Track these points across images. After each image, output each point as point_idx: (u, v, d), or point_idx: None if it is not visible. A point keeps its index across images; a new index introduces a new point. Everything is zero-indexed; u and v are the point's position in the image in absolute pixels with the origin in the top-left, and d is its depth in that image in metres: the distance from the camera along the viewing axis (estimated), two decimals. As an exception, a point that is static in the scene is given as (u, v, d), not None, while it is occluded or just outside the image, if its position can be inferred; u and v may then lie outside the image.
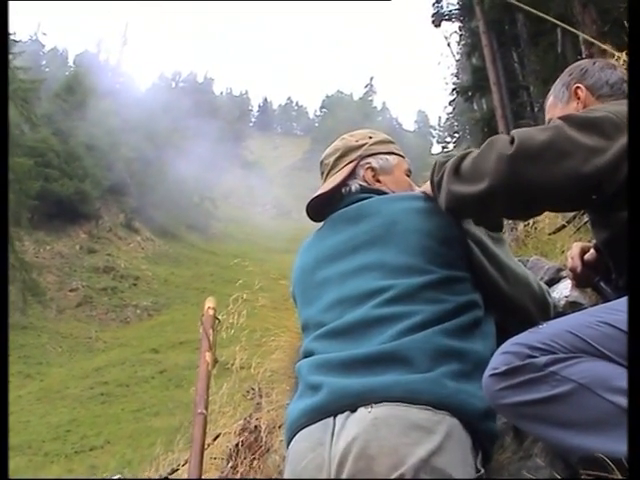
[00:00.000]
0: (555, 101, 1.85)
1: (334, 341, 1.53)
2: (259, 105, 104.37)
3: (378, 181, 1.80)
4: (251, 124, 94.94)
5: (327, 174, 1.85)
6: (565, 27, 4.46)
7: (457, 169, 1.49)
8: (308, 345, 1.62)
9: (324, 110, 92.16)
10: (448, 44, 26.91)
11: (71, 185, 40.50)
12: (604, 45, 3.32)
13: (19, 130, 34.96)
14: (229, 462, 3.27)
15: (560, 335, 1.32)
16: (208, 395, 2.04)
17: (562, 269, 2.07)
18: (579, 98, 1.77)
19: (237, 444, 3.26)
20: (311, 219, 1.86)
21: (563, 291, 1.93)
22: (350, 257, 1.64)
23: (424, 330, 1.44)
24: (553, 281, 2.04)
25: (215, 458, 3.59)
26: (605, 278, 1.78)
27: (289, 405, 1.58)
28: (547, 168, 1.36)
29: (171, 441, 5.05)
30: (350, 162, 1.81)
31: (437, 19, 23.02)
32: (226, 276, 32.24)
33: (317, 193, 1.81)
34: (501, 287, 1.62)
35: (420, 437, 1.31)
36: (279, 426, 3.03)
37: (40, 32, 71.76)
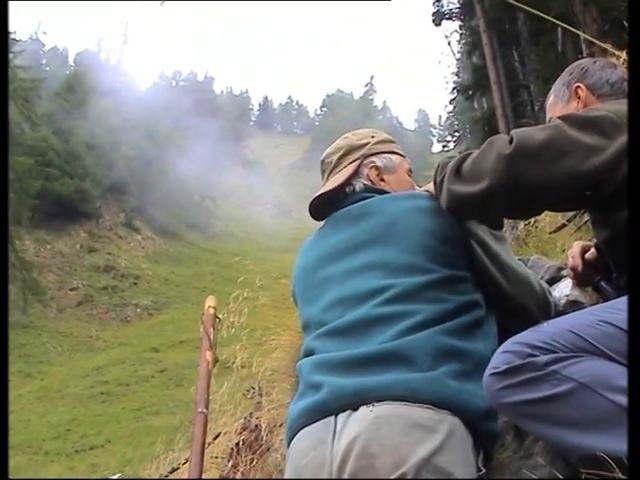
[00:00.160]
0: (556, 100, 1.85)
1: (335, 340, 1.53)
2: (259, 104, 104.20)
3: (382, 180, 1.80)
4: (251, 123, 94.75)
5: (330, 173, 1.84)
6: (565, 27, 4.44)
7: (458, 169, 1.49)
8: (309, 344, 1.62)
9: (324, 109, 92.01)
10: (448, 43, 27.02)
11: (71, 184, 40.48)
12: (605, 44, 3.30)
13: (19, 129, 34.94)
14: (230, 461, 3.27)
15: (561, 334, 1.32)
16: (209, 394, 2.04)
17: (563, 268, 2.07)
18: (579, 97, 1.77)
19: (237, 443, 3.27)
20: (313, 218, 1.85)
21: (564, 290, 1.93)
22: (352, 256, 1.63)
23: (426, 329, 1.44)
24: (554, 280, 2.03)
25: (216, 457, 3.60)
26: (606, 277, 1.78)
27: (290, 405, 1.58)
28: (546, 167, 1.36)
29: (171, 440, 5.05)
30: (354, 161, 1.80)
31: (437, 18, 23.00)
32: (226, 275, 32.27)
33: (320, 192, 1.80)
34: (502, 287, 1.62)
35: (422, 436, 1.31)
36: (280, 425, 3.03)
37: (40, 31, 72.27)
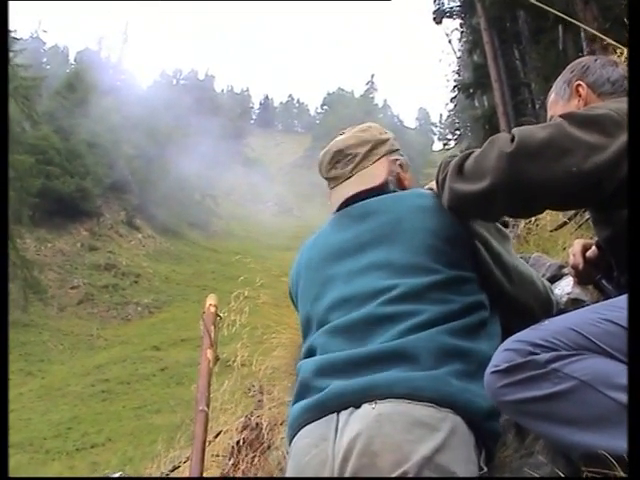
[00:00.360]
0: (556, 98, 1.84)
1: (338, 338, 1.52)
2: (260, 102, 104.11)
3: (405, 178, 1.79)
4: (252, 121, 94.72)
5: (355, 166, 1.76)
6: (567, 19, 4.46)
7: (460, 168, 1.49)
8: (311, 342, 1.61)
9: (325, 107, 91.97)
10: (449, 41, 26.93)
11: (72, 182, 40.52)
12: (607, 39, 3.28)
13: (20, 128, 34.95)
14: (230, 459, 3.27)
15: (562, 332, 1.31)
16: (209, 392, 2.04)
17: (564, 266, 2.07)
18: (580, 95, 1.76)
19: (238, 441, 3.27)
20: (336, 211, 1.77)
21: (565, 288, 1.92)
22: (357, 255, 1.63)
23: (429, 329, 1.44)
24: (555, 278, 2.03)
25: (217, 455, 3.60)
26: (607, 275, 1.78)
27: (292, 404, 1.57)
28: (547, 165, 1.36)
29: (172, 438, 5.05)
30: (382, 156, 1.77)
31: (438, 16, 22.99)
32: (227, 273, 32.31)
33: (360, 188, 1.72)
34: (505, 286, 1.62)
35: (424, 434, 1.31)
36: (280, 423, 3.03)
37: (41, 30, 72.01)
